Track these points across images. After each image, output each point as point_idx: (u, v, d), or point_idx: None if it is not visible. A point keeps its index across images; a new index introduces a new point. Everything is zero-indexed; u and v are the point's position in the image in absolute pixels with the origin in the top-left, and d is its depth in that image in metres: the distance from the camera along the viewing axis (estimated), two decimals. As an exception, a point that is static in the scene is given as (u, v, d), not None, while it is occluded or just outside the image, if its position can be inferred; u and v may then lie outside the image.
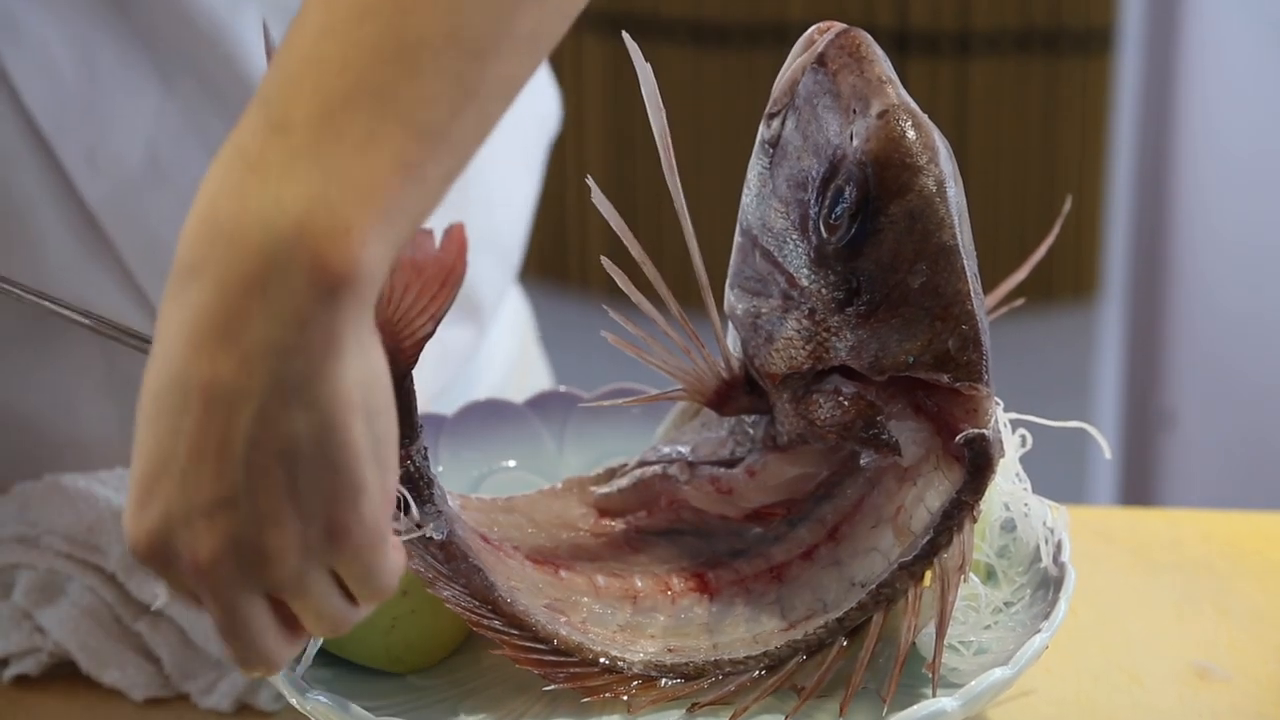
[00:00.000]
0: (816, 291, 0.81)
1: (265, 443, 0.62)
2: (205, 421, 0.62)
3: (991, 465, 0.79)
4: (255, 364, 0.61)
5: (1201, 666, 0.94)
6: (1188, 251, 2.29)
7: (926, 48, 3.34)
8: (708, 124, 3.27)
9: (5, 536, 0.95)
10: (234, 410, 0.62)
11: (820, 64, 0.80)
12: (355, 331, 0.63)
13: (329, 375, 0.62)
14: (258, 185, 0.62)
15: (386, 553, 0.67)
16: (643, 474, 0.89)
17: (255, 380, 0.62)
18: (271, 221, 0.61)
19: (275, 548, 0.64)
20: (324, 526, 0.64)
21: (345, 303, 0.62)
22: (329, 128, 0.62)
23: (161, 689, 0.93)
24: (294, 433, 0.62)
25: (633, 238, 0.81)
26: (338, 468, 0.64)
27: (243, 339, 0.61)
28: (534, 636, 0.80)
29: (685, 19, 3.35)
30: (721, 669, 0.81)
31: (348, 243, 0.61)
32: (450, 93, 0.64)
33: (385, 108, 0.63)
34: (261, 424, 0.62)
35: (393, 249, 0.63)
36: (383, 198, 0.62)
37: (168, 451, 0.63)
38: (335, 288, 0.61)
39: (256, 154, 0.62)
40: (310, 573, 0.66)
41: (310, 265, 0.61)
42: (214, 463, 0.63)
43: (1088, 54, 3.35)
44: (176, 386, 0.63)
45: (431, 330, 0.75)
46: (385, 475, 0.66)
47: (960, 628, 0.82)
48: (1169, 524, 1.10)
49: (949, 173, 0.78)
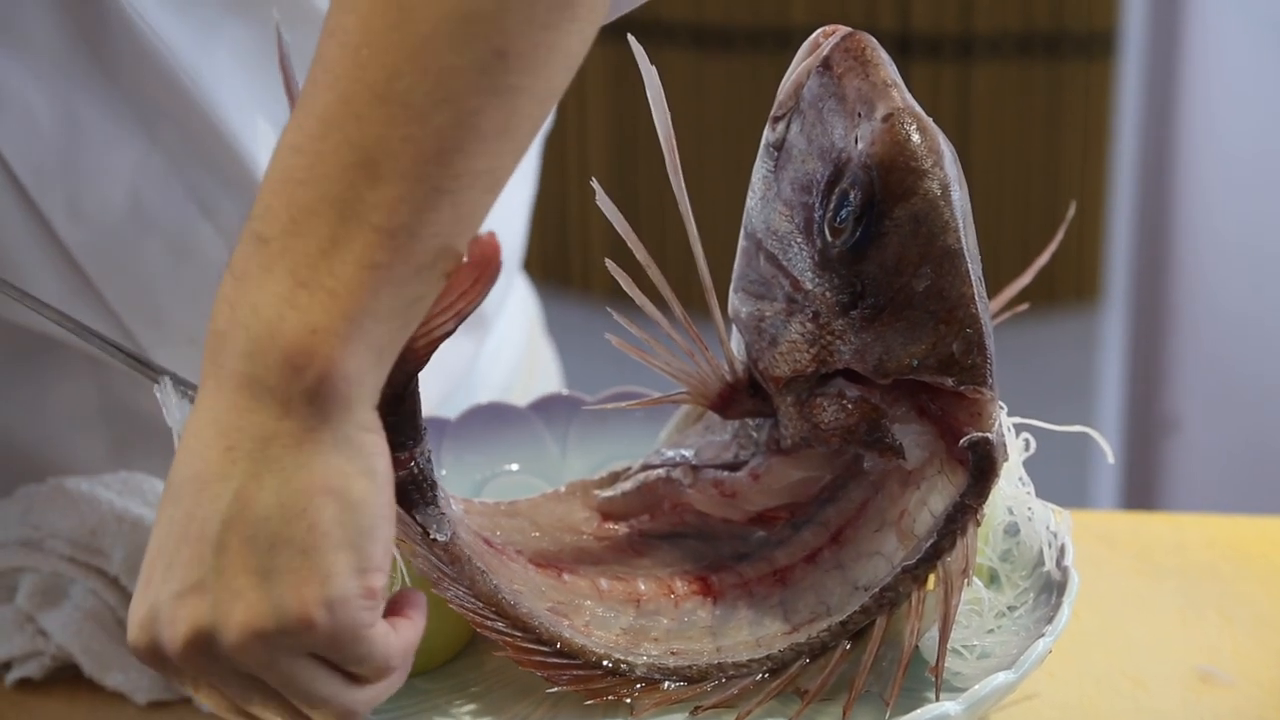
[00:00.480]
0: (821, 295, 0.81)
1: (237, 523, 0.65)
2: (191, 508, 0.66)
3: (995, 469, 0.79)
4: (238, 450, 0.66)
5: (1205, 671, 0.94)
6: (1190, 255, 2.29)
7: (929, 51, 3.33)
8: (710, 127, 3.27)
9: (8, 540, 0.95)
10: (215, 495, 0.66)
11: (825, 67, 0.80)
12: (340, 428, 0.66)
13: (303, 463, 0.65)
14: (241, 294, 0.67)
15: (370, 638, 0.68)
16: (646, 477, 0.89)
17: (236, 465, 0.65)
18: (249, 325, 0.66)
19: (236, 629, 0.65)
20: (290, 610, 0.65)
21: (324, 399, 0.66)
22: (296, 236, 0.66)
23: (164, 692, 0.93)
24: (265, 514, 0.65)
25: (637, 240, 0.81)
26: (304, 551, 0.65)
27: (230, 431, 0.66)
28: (537, 639, 0.80)
29: (687, 22, 3.35)
30: (724, 672, 0.81)
31: (312, 341, 0.66)
32: (414, 193, 0.67)
33: (347, 214, 0.66)
34: (236, 505, 0.65)
35: (374, 349, 0.67)
36: (347, 298, 0.66)
37: (160, 541, 0.67)
38: (310, 385, 0.65)
39: (242, 266, 0.67)
40: (284, 659, 0.67)
41: (282, 363, 0.66)
42: (192, 546, 0.66)
43: (1090, 57, 3.34)
44: (178, 479, 0.67)
45: (452, 328, 0.74)
46: (364, 566, 0.67)
47: (963, 631, 0.82)
48: (1172, 528, 1.10)
49: (954, 176, 0.78)
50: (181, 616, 0.66)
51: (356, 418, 0.67)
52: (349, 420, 0.66)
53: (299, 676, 0.67)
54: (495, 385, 1.17)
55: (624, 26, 0.82)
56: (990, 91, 3.37)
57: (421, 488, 0.79)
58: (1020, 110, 3.38)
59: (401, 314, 0.68)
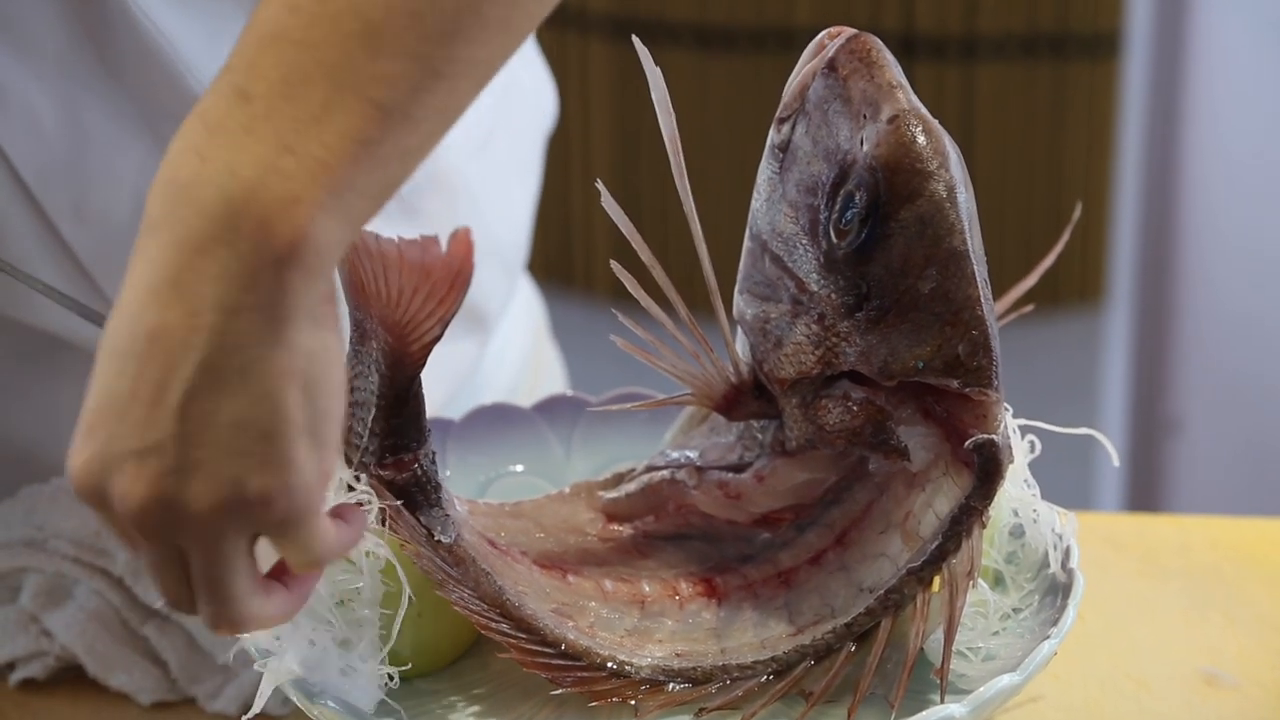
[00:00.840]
0: (826, 296, 0.81)
1: (200, 396, 0.63)
2: (148, 365, 0.64)
3: (1001, 471, 0.79)
4: (201, 318, 0.63)
5: (1209, 673, 0.94)
6: (1195, 256, 2.29)
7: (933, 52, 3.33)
8: (713, 128, 3.27)
9: (12, 540, 0.95)
10: (176, 359, 0.63)
11: (831, 69, 0.80)
12: (305, 302, 0.64)
13: (269, 342, 0.63)
14: (215, 149, 0.63)
15: (316, 526, 0.67)
16: (651, 479, 0.89)
17: (199, 334, 0.63)
18: (225, 185, 0.63)
19: (195, 500, 0.64)
20: (250, 490, 0.65)
21: (291, 271, 0.63)
22: (287, 100, 0.64)
23: (168, 693, 0.93)
24: (230, 392, 0.63)
25: (641, 241, 0.81)
26: (268, 435, 0.64)
27: (192, 293, 0.63)
28: (541, 640, 0.80)
29: (691, 23, 3.35)
30: (729, 674, 0.81)
31: (295, 212, 0.63)
32: (412, 72, 0.65)
33: (344, 84, 0.64)
34: (200, 377, 0.63)
35: (348, 224, 0.65)
36: (336, 172, 0.64)
37: (112, 392, 0.64)
38: (282, 255, 0.63)
39: (217, 119, 0.64)
40: (226, 535, 0.66)
41: (257, 231, 0.63)
42: (149, 407, 0.64)
43: (1094, 59, 3.34)
44: (128, 331, 0.64)
45: (439, 334, 0.75)
46: (321, 450, 0.66)
47: (968, 634, 0.82)
48: (1177, 530, 1.10)
49: (959, 178, 0.78)
50: (140, 475, 0.64)
51: (320, 289, 0.65)
52: (313, 291, 0.64)
53: (230, 560, 0.66)
54: (500, 388, 1.17)
55: (628, 25, 0.82)
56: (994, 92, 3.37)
57: (425, 489, 0.79)
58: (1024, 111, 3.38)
59: (380, 195, 0.66)
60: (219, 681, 0.92)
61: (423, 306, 0.74)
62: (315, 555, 0.69)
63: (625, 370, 0.93)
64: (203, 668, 0.93)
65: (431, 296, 0.74)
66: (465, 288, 0.73)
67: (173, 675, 0.93)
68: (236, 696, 0.91)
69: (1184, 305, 2.31)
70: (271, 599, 0.70)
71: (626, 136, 3.42)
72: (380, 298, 0.74)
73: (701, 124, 3.28)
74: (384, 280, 0.74)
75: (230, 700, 0.91)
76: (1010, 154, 3.38)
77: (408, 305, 0.74)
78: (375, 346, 0.77)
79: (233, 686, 0.91)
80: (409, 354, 0.76)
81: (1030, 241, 3.22)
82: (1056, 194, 3.33)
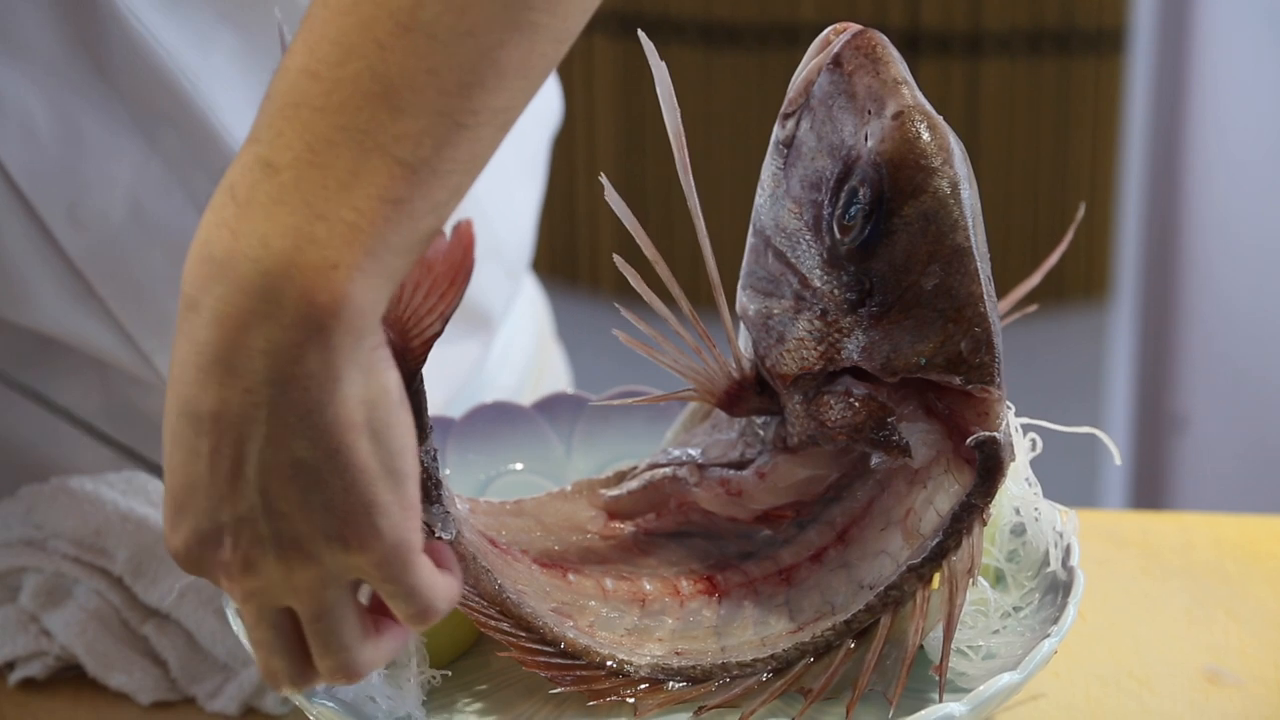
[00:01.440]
0: (829, 292, 0.81)
1: (275, 468, 0.65)
2: (219, 447, 0.65)
3: (1002, 468, 0.79)
4: (257, 394, 0.64)
5: (1212, 671, 0.93)
6: (1200, 253, 2.28)
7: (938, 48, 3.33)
8: (718, 124, 3.27)
9: (11, 540, 0.95)
10: (243, 437, 0.65)
11: (836, 65, 0.80)
12: (352, 358, 0.65)
13: (327, 402, 0.64)
14: (247, 222, 0.64)
15: (417, 565, 0.68)
16: (652, 476, 0.88)
17: (259, 409, 0.64)
18: (260, 258, 0.63)
19: (291, 563, 0.67)
20: (340, 541, 0.66)
21: (337, 335, 0.64)
22: (314, 167, 0.64)
23: (168, 692, 0.92)
24: (300, 458, 0.65)
25: (645, 237, 0.80)
26: (347, 488, 0.66)
27: (243, 371, 0.64)
28: (541, 639, 0.80)
29: (696, 19, 3.35)
30: (729, 672, 0.81)
31: (334, 278, 0.63)
32: (435, 128, 0.65)
33: (369, 146, 0.64)
34: (269, 450, 0.65)
35: (387, 281, 0.66)
36: (369, 233, 0.64)
37: (190, 474, 0.66)
38: (325, 322, 0.64)
39: (246, 192, 0.65)
40: (333, 587, 0.68)
41: (299, 300, 0.63)
42: (231, 485, 0.66)
43: (1099, 54, 3.34)
44: (190, 413, 0.65)
45: (440, 330, 0.75)
46: (402, 487, 0.67)
47: (969, 632, 0.82)
48: (1180, 528, 1.09)
49: (963, 174, 0.78)
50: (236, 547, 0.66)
51: (368, 342, 0.66)
52: (361, 349, 0.65)
53: (337, 612, 0.68)
54: (504, 388, 1.17)
55: (633, 21, 0.82)
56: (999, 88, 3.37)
57: (426, 486, 0.79)
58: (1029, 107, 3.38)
59: (416, 248, 0.66)
60: (219, 681, 0.92)
61: (423, 302, 0.74)
62: (422, 603, 0.69)
63: (631, 367, 0.93)
64: (203, 667, 0.92)
65: (432, 292, 0.74)
66: (466, 283, 0.73)
67: (172, 675, 0.92)
68: (236, 696, 0.91)
69: (1189, 302, 2.31)
70: (382, 640, 0.71)
71: (631, 133, 3.42)
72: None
73: (706, 119, 3.28)
74: None
75: (230, 700, 0.91)
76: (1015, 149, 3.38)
77: (409, 301, 0.74)
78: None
79: (232, 686, 0.91)
80: (410, 350, 0.75)
81: (1035, 237, 3.22)
82: (1061, 189, 3.33)
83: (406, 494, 0.67)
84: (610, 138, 3.44)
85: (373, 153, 0.64)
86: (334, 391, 0.64)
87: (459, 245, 0.73)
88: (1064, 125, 3.39)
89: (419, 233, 0.66)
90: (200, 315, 0.64)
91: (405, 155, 0.65)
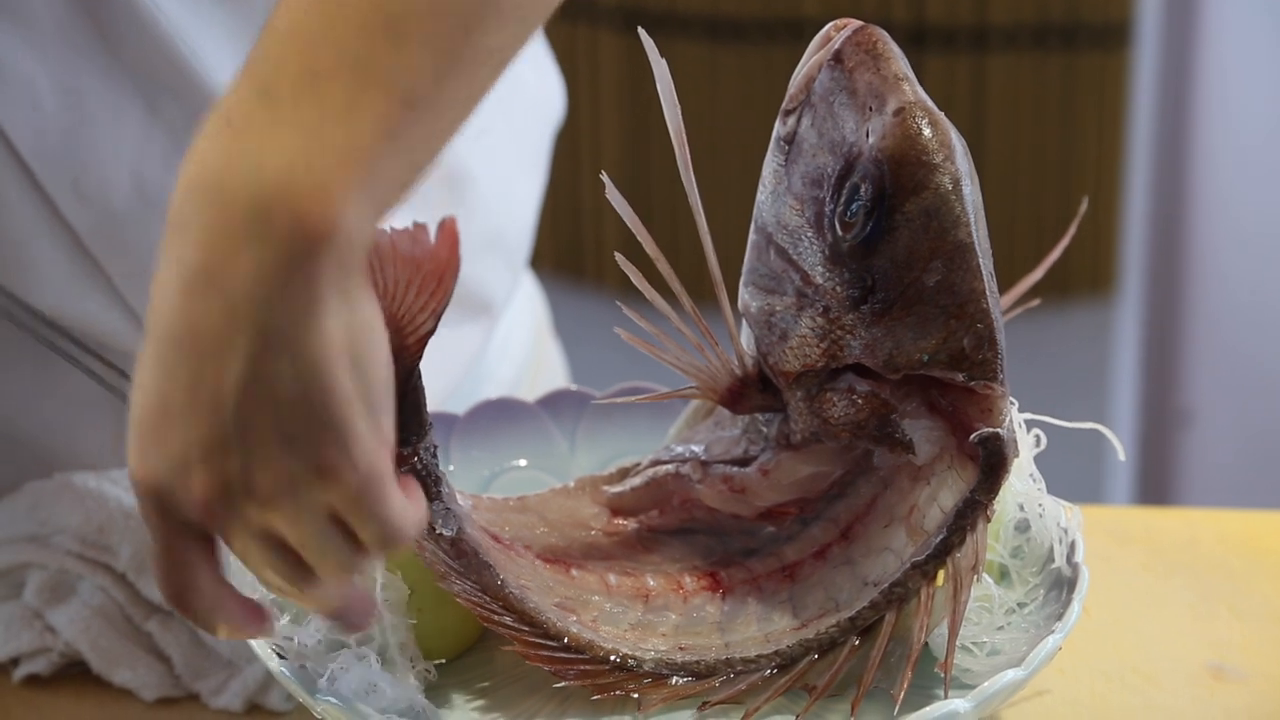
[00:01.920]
0: (831, 289, 0.80)
1: (253, 390, 0.64)
2: (198, 369, 0.64)
3: (1006, 465, 0.79)
4: (240, 314, 0.64)
5: (1216, 667, 0.93)
6: (1205, 248, 2.28)
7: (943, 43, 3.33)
8: (723, 120, 3.27)
9: (16, 536, 0.95)
10: (222, 359, 0.64)
11: (837, 61, 0.80)
12: (339, 286, 0.65)
13: (311, 326, 0.64)
14: (242, 147, 0.64)
15: (389, 495, 0.68)
16: (655, 473, 0.88)
17: (241, 331, 0.64)
18: (252, 179, 0.63)
19: (266, 488, 0.66)
20: (314, 469, 0.66)
21: (325, 259, 0.64)
22: (312, 95, 0.65)
23: (172, 689, 0.93)
24: (279, 381, 0.64)
25: (647, 234, 0.80)
26: (323, 414, 0.65)
27: (228, 290, 0.64)
28: (544, 634, 0.80)
29: (701, 14, 3.35)
30: (733, 667, 0.81)
31: (327, 201, 0.63)
32: (435, 62, 0.66)
33: (368, 77, 0.65)
34: (249, 372, 0.64)
35: (376, 210, 0.66)
36: (363, 160, 0.64)
37: (165, 395, 0.65)
38: (314, 244, 0.63)
39: (242, 118, 0.65)
40: (305, 514, 0.67)
41: (290, 222, 0.63)
42: (208, 408, 0.65)
43: (1105, 49, 3.34)
44: (170, 335, 0.65)
45: (433, 327, 0.75)
46: (378, 418, 0.67)
47: (973, 628, 0.82)
48: (1184, 524, 1.09)
49: (965, 170, 0.78)
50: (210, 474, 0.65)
51: (355, 274, 0.66)
52: (349, 277, 0.65)
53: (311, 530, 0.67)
54: (503, 381, 1.17)
55: (638, 16, 0.82)
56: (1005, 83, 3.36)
57: (426, 483, 0.79)
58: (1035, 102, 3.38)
59: (406, 181, 0.67)
60: (223, 678, 0.92)
61: (415, 300, 0.74)
62: (388, 529, 0.68)
63: (631, 364, 0.93)
64: (207, 664, 0.92)
65: (423, 290, 0.74)
66: (454, 279, 0.74)
67: (176, 671, 0.93)
68: (240, 692, 0.91)
69: (1194, 297, 2.30)
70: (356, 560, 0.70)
71: (636, 129, 3.41)
72: (375, 291, 0.74)
73: (711, 115, 3.28)
74: (379, 273, 0.74)
75: (234, 696, 0.91)
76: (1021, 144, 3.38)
77: (401, 298, 0.74)
78: (374, 341, 0.76)
79: (236, 682, 0.91)
80: (405, 348, 0.76)
81: (1041, 232, 3.22)
82: (1067, 184, 3.33)
83: (382, 426, 0.67)
84: (615, 133, 3.44)
85: (370, 83, 0.65)
86: (318, 316, 0.64)
87: (445, 242, 0.73)
88: (1069, 120, 3.39)
89: (411, 164, 0.67)
90: (187, 236, 0.64)
91: (402, 87, 0.65)
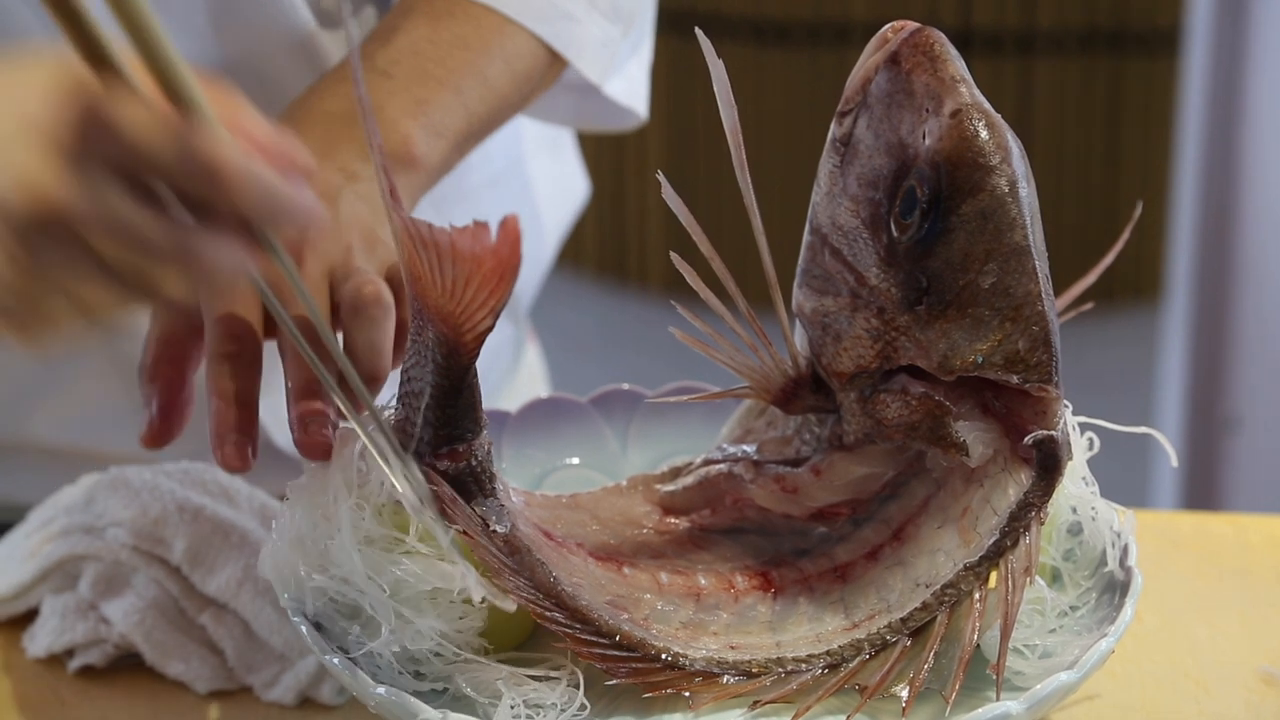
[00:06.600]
0: (886, 290, 0.80)
1: None
2: None
3: (1060, 467, 0.79)
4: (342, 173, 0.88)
5: (1268, 673, 0.93)
6: (1254, 253, 2.27)
7: (990, 46, 3.32)
8: (769, 122, 3.27)
9: (72, 527, 0.96)
10: None
11: (893, 62, 0.80)
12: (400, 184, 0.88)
13: None
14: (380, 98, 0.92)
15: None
16: (707, 472, 0.88)
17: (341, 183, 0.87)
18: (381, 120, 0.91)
19: None
20: None
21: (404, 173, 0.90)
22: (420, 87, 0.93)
23: (225, 681, 0.93)
24: None
25: (701, 233, 0.81)
26: None
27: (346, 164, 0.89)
28: (597, 631, 0.80)
29: (747, 17, 3.35)
30: (784, 667, 0.81)
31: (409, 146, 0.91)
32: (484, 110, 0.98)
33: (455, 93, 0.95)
34: None
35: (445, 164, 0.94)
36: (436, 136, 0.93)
37: None
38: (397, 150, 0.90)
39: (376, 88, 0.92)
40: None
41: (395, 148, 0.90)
42: None
43: (1153, 54, 3.33)
44: None
45: (491, 324, 0.76)
46: None
47: (1025, 631, 0.82)
48: (1235, 529, 1.09)
49: (1021, 173, 0.78)
50: None
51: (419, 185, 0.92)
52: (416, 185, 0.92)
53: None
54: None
55: (684, 19, 0.82)
56: (1052, 87, 3.36)
57: (480, 480, 0.79)
58: (1082, 106, 3.37)
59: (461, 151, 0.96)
60: (275, 671, 0.92)
61: (475, 296, 0.74)
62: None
63: (676, 365, 0.93)
64: (259, 657, 0.93)
65: (483, 287, 0.74)
66: (514, 277, 0.74)
67: (229, 664, 0.93)
68: (293, 686, 0.91)
69: (1242, 303, 2.29)
70: None
71: (681, 132, 3.41)
72: (436, 287, 0.75)
73: (757, 118, 3.28)
74: (439, 270, 0.74)
75: (286, 690, 0.91)
76: (1068, 149, 3.37)
77: (461, 294, 0.74)
78: (430, 336, 0.77)
79: (289, 676, 0.92)
80: (463, 344, 0.76)
81: (1086, 237, 3.21)
82: (1114, 190, 3.32)
83: None
84: (660, 137, 3.44)
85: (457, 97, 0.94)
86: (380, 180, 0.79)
87: (506, 240, 0.73)
88: (1116, 124, 3.38)
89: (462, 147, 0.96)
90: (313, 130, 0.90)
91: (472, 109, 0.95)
